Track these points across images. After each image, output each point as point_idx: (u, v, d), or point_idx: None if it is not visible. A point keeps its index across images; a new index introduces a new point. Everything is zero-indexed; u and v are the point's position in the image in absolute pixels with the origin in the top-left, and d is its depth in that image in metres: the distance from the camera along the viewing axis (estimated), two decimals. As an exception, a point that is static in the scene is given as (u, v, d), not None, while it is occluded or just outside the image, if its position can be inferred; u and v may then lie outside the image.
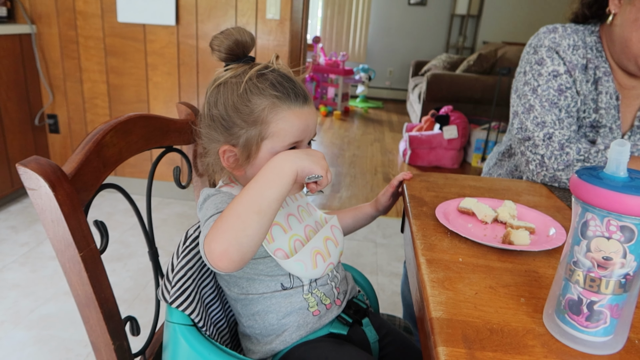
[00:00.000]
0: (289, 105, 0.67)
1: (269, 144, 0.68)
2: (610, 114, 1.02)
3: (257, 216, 0.56)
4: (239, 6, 2.27)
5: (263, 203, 0.57)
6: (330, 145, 4.13)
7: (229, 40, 0.68)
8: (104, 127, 0.66)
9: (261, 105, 0.67)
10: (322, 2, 6.42)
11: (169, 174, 2.46)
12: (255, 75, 0.68)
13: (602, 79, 1.01)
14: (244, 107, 0.67)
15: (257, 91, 0.67)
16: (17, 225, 2.21)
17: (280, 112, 0.67)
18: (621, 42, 0.94)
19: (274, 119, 0.67)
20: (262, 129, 0.67)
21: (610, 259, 0.43)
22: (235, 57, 0.70)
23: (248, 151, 0.69)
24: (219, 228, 0.57)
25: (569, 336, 0.47)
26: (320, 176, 0.62)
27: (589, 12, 1.04)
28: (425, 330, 0.52)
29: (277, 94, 0.67)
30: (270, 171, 0.59)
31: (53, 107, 2.57)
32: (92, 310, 0.62)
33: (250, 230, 0.56)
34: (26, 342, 1.47)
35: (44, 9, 2.39)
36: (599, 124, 1.03)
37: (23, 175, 0.54)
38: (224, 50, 0.69)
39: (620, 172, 0.43)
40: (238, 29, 0.69)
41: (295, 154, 0.62)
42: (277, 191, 0.58)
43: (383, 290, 1.89)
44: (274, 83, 0.67)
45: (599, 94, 1.02)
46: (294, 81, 0.70)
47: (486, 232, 0.74)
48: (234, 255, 0.55)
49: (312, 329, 0.73)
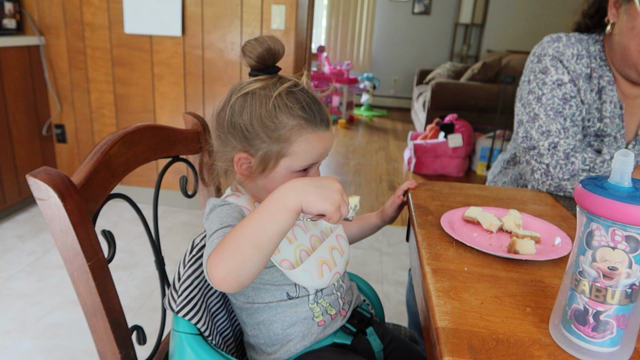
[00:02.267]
0: (314, 128, 0.68)
1: (287, 162, 0.69)
2: (615, 123, 1.02)
3: (257, 250, 0.55)
4: (244, 17, 2.29)
5: (263, 238, 0.56)
6: (335, 153, 4.14)
7: (262, 47, 0.68)
8: (112, 138, 0.67)
9: (288, 124, 0.67)
10: (327, 12, 6.47)
11: (175, 183, 2.47)
12: (285, 92, 0.68)
13: (606, 88, 1.01)
14: (271, 122, 0.67)
15: (286, 110, 0.67)
16: (24, 234, 2.23)
17: (305, 134, 0.68)
18: (620, 50, 0.95)
19: (297, 139, 0.68)
20: (284, 147, 0.68)
21: (616, 269, 0.43)
22: (264, 66, 0.70)
23: (264, 164, 0.69)
24: (219, 254, 0.56)
25: (575, 347, 0.47)
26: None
27: (591, 22, 1.05)
28: (431, 340, 0.52)
29: (305, 116, 0.68)
30: (273, 204, 0.57)
31: (60, 117, 2.60)
32: (100, 320, 0.62)
33: (249, 263, 0.56)
34: (32, 351, 1.48)
35: (52, 21, 2.42)
36: (604, 132, 1.03)
37: (33, 185, 0.55)
38: (255, 57, 0.69)
39: (625, 182, 0.43)
40: (272, 38, 0.69)
41: (305, 185, 0.58)
42: (278, 227, 0.56)
43: (388, 299, 1.88)
44: (303, 105, 0.68)
45: (603, 103, 1.02)
46: (321, 105, 0.71)
47: (491, 242, 0.74)
48: (232, 283, 0.56)
49: (316, 339, 0.73)
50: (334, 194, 0.58)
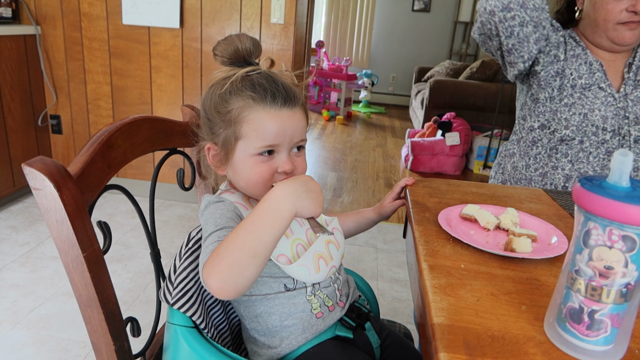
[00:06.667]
0: (264, 106, 0.68)
1: (243, 145, 0.69)
2: (597, 76, 1.16)
3: (254, 259, 0.55)
4: (243, 10, 2.28)
5: (259, 247, 0.55)
6: (333, 150, 4.13)
7: (230, 47, 0.70)
8: (109, 129, 0.66)
9: (236, 104, 0.68)
10: (326, 7, 6.45)
11: (171, 176, 2.47)
12: (241, 77, 0.69)
13: (581, 55, 1.19)
14: (222, 106, 0.69)
15: (236, 92, 0.68)
16: (17, 225, 2.22)
17: (253, 113, 0.67)
18: (590, 24, 1.18)
19: (246, 119, 0.68)
20: (236, 129, 0.68)
21: (612, 268, 0.43)
22: (237, 63, 0.71)
23: (226, 150, 0.70)
24: (216, 265, 0.56)
25: (570, 344, 0.48)
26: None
27: (563, 18, 1.30)
28: (427, 336, 0.52)
29: (252, 95, 0.68)
30: (268, 213, 0.57)
31: (56, 107, 2.58)
32: (94, 311, 0.62)
33: (247, 272, 0.55)
34: (25, 342, 1.47)
35: (49, 11, 2.40)
36: (587, 85, 1.16)
37: (29, 175, 0.55)
38: (226, 56, 0.71)
39: (623, 182, 0.43)
40: (239, 36, 0.70)
41: (295, 190, 0.58)
42: (275, 235, 0.56)
43: (383, 295, 1.88)
44: (254, 84, 0.68)
45: (580, 65, 1.18)
46: (277, 83, 0.69)
47: (488, 239, 0.74)
48: (231, 292, 0.56)
49: (316, 331, 0.73)
50: (321, 196, 0.61)
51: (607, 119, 1.13)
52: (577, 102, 1.16)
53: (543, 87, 1.21)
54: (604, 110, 1.14)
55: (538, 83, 1.22)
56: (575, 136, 1.16)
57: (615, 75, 1.19)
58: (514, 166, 1.30)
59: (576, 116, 1.15)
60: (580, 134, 1.16)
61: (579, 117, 1.15)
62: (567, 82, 1.18)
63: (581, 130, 1.15)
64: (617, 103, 1.13)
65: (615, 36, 1.14)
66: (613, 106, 1.14)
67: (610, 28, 1.13)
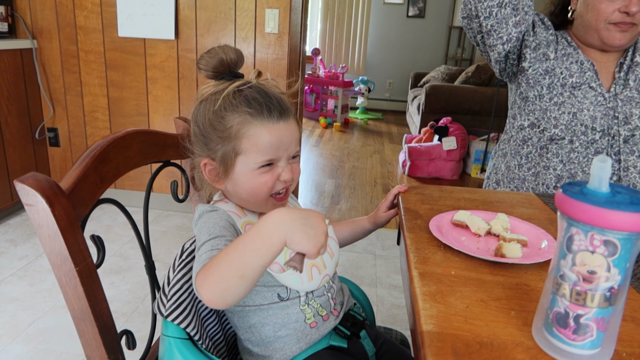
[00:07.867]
0: (261, 121, 0.69)
1: (244, 160, 0.70)
2: (587, 75, 1.17)
3: (241, 280, 0.55)
4: (238, 20, 2.30)
5: (247, 270, 0.55)
6: (330, 156, 4.14)
7: (214, 59, 0.70)
8: (101, 143, 0.67)
9: (234, 121, 0.69)
10: (322, 15, 6.49)
11: (169, 187, 2.47)
12: (232, 92, 0.70)
13: (572, 54, 1.20)
14: (218, 123, 0.70)
15: (231, 108, 0.69)
16: (15, 239, 2.22)
17: (252, 128, 0.68)
18: (583, 25, 1.19)
19: (245, 134, 0.69)
20: (236, 144, 0.69)
21: (595, 272, 0.44)
22: (221, 75, 0.72)
23: (225, 166, 0.71)
24: (207, 278, 0.56)
25: (557, 349, 0.48)
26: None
27: (557, 20, 1.30)
28: (417, 343, 0.53)
29: (249, 110, 0.68)
30: (258, 237, 0.55)
31: (53, 120, 2.59)
32: (88, 324, 0.62)
33: (234, 290, 0.55)
34: (23, 356, 1.47)
35: (45, 25, 2.42)
36: (577, 84, 1.18)
37: (21, 191, 0.55)
38: (211, 69, 0.71)
39: (603, 188, 0.44)
40: (223, 48, 0.71)
41: (292, 220, 0.55)
42: (262, 261, 0.55)
43: (382, 302, 1.88)
44: (248, 99, 0.69)
45: (571, 64, 1.19)
46: (270, 96, 0.70)
47: (479, 245, 0.75)
48: (220, 305, 0.56)
49: (311, 340, 0.73)
50: (320, 236, 0.56)
51: (597, 118, 1.14)
52: (566, 100, 1.17)
53: (532, 85, 1.22)
54: (593, 110, 1.14)
55: (527, 81, 1.23)
56: (564, 135, 1.17)
57: (606, 75, 1.20)
58: (507, 166, 1.31)
59: (565, 115, 1.16)
60: (569, 133, 1.16)
61: (568, 116, 1.16)
62: (557, 80, 1.19)
63: (570, 129, 1.16)
64: (607, 103, 1.14)
65: (606, 36, 1.15)
66: (603, 106, 1.14)
67: (602, 27, 1.15)
